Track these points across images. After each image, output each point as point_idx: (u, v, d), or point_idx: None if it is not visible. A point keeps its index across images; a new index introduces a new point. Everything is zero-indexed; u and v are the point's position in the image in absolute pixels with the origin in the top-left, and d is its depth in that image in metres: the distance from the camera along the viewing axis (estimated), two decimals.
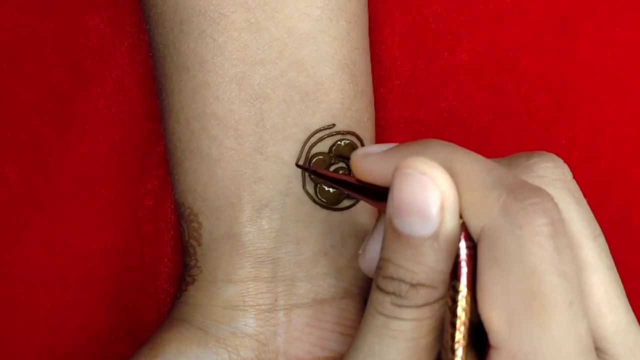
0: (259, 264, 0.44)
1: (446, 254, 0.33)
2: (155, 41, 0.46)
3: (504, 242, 0.32)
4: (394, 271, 0.34)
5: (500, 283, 0.32)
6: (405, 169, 0.33)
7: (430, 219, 0.33)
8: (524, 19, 0.52)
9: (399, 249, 0.34)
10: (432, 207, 0.33)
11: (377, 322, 0.35)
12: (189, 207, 0.45)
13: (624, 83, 0.52)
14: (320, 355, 0.44)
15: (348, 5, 0.45)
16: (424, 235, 0.33)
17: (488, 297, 0.33)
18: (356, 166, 0.37)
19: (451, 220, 0.33)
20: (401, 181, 0.34)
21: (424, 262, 0.33)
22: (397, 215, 0.34)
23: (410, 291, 0.34)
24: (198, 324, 0.44)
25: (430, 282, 0.34)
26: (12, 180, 0.51)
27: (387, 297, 0.34)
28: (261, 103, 0.43)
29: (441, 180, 0.33)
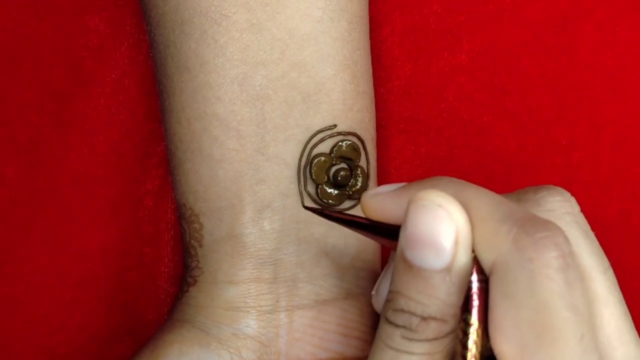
0: (261, 265, 0.44)
1: (458, 288, 0.34)
2: (157, 42, 0.46)
3: (515, 275, 0.32)
4: (404, 304, 0.34)
5: (512, 316, 0.32)
6: (421, 200, 0.34)
7: (444, 251, 0.33)
8: (524, 19, 0.52)
9: (410, 282, 0.34)
10: (447, 239, 0.33)
11: (386, 356, 0.34)
12: (190, 207, 0.45)
13: (624, 83, 0.53)
14: (322, 357, 0.44)
15: (349, 5, 0.45)
16: (436, 267, 0.33)
17: (500, 331, 0.33)
18: (367, 205, 0.38)
19: (464, 253, 0.34)
20: (416, 213, 0.34)
21: (435, 295, 0.33)
22: (409, 247, 0.34)
23: (421, 324, 0.34)
24: (199, 325, 0.44)
25: (441, 315, 0.34)
26: (12, 180, 0.51)
27: (397, 330, 0.34)
28: (262, 104, 0.43)
29: (456, 213, 0.33)
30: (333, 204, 0.45)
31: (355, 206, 0.46)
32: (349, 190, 0.45)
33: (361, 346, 0.45)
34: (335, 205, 0.45)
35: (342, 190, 0.45)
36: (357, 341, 0.45)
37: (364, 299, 0.46)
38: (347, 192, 0.45)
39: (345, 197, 0.45)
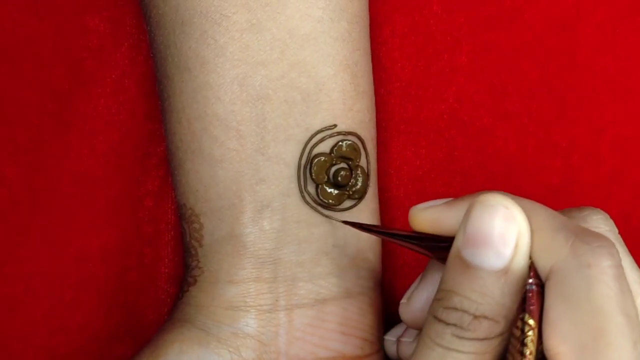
0: (261, 264, 0.44)
1: (513, 289, 0.35)
2: (157, 42, 0.46)
3: (573, 280, 0.34)
4: (457, 302, 0.35)
5: (569, 318, 0.34)
6: (488, 201, 0.36)
7: (504, 252, 0.35)
8: (524, 20, 0.52)
9: (465, 281, 0.35)
10: (509, 240, 0.35)
11: (434, 353, 0.35)
12: (190, 208, 0.45)
13: (624, 84, 0.53)
14: (322, 356, 0.44)
15: (349, 5, 0.45)
16: (494, 268, 0.35)
17: (557, 332, 0.34)
18: (417, 217, 0.39)
19: (523, 257, 0.35)
20: (480, 213, 0.36)
21: (490, 295, 0.35)
22: (469, 246, 0.35)
23: (473, 323, 0.35)
24: (200, 324, 0.44)
25: (494, 315, 0.35)
26: (12, 180, 0.51)
27: (447, 328, 0.35)
28: (262, 104, 0.43)
29: (520, 217, 0.35)
30: (333, 203, 0.45)
31: (356, 206, 0.46)
32: (349, 190, 0.45)
33: (361, 345, 0.45)
34: (335, 205, 0.45)
35: (342, 190, 0.45)
36: (357, 340, 0.45)
37: (364, 298, 0.46)
38: (347, 192, 0.45)
39: (345, 197, 0.45)
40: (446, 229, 0.38)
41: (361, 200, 0.46)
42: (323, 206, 0.45)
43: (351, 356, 0.45)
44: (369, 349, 0.46)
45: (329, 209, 0.45)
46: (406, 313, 0.42)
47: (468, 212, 0.36)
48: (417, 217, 0.39)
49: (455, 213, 0.38)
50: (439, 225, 0.39)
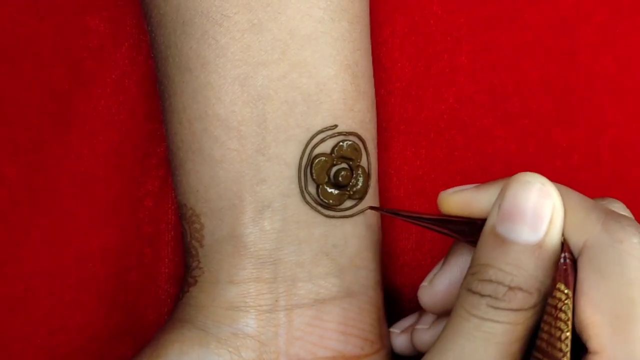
0: (261, 264, 0.44)
1: (546, 263, 0.37)
2: (157, 42, 0.46)
3: (606, 254, 0.36)
4: (492, 274, 0.37)
5: (603, 290, 0.36)
6: (525, 178, 0.38)
7: (539, 227, 0.37)
8: (524, 21, 0.52)
9: (500, 255, 0.37)
10: (544, 216, 0.37)
11: (469, 324, 0.37)
12: (191, 208, 0.45)
13: (623, 85, 0.53)
14: (322, 356, 0.44)
15: (350, 6, 0.45)
16: (529, 242, 0.37)
17: (591, 303, 0.36)
18: (447, 200, 0.41)
19: (557, 232, 0.37)
20: (517, 188, 0.38)
21: (524, 268, 0.37)
22: (504, 220, 0.38)
23: (508, 294, 0.37)
24: (200, 324, 0.44)
25: (528, 287, 0.37)
26: (12, 180, 0.51)
27: (482, 299, 0.37)
28: (263, 104, 0.43)
29: (555, 194, 0.38)
30: (333, 204, 0.45)
31: (356, 206, 0.46)
32: (349, 190, 0.45)
33: (360, 344, 0.45)
34: (336, 205, 0.45)
35: (342, 190, 0.45)
36: (357, 339, 0.45)
37: (364, 298, 0.46)
38: (347, 192, 0.45)
39: (346, 197, 0.45)
40: (477, 211, 0.40)
41: (362, 200, 0.46)
42: (324, 206, 0.45)
43: (351, 356, 0.45)
44: (369, 349, 0.46)
45: (329, 209, 0.45)
46: (426, 296, 0.44)
47: (504, 190, 0.38)
48: (447, 200, 0.41)
49: (487, 195, 0.40)
50: (470, 208, 0.41)
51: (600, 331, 0.36)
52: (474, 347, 0.37)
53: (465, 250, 0.44)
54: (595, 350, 0.36)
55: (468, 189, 0.41)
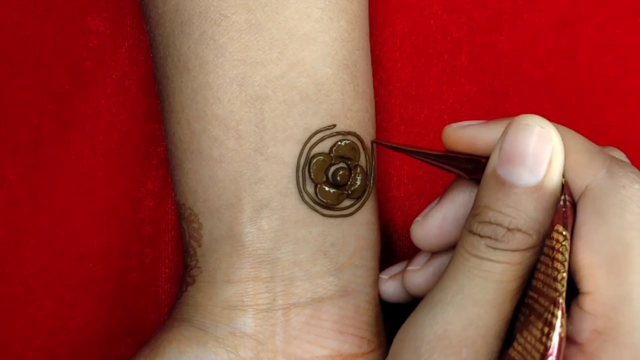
0: (259, 264, 0.44)
1: (546, 205, 0.37)
2: (156, 42, 0.46)
3: (609, 198, 0.37)
4: (492, 216, 0.38)
5: (602, 232, 0.36)
6: (524, 120, 0.38)
7: (538, 169, 0.37)
8: (524, 21, 0.52)
9: (500, 197, 0.38)
10: (543, 158, 0.37)
11: (469, 263, 0.38)
12: (189, 207, 0.45)
13: (623, 85, 0.53)
14: (319, 354, 0.44)
15: (349, 6, 0.45)
16: (528, 184, 0.37)
17: (588, 245, 0.36)
18: (452, 135, 0.42)
19: (556, 174, 0.38)
20: (516, 131, 0.38)
21: (523, 209, 0.37)
22: (504, 163, 0.38)
23: (507, 235, 0.37)
24: (198, 324, 0.44)
25: (527, 228, 0.37)
26: (13, 181, 0.51)
27: (482, 240, 0.38)
28: (262, 104, 0.43)
29: (554, 136, 0.38)
30: (332, 203, 0.45)
31: (355, 205, 0.46)
32: (347, 190, 0.45)
33: (358, 343, 0.45)
34: (334, 204, 0.45)
35: (341, 189, 0.45)
36: (354, 338, 0.45)
37: (361, 296, 0.46)
38: (346, 192, 0.45)
39: (345, 196, 0.45)
40: (481, 148, 0.41)
41: (360, 199, 0.46)
42: (322, 206, 0.45)
43: (348, 354, 0.45)
44: (367, 347, 0.46)
45: (327, 208, 0.45)
46: (419, 230, 0.44)
47: (505, 132, 0.38)
48: (452, 135, 0.42)
49: (492, 132, 0.40)
50: (474, 144, 0.41)
51: (595, 272, 0.36)
52: (473, 285, 0.38)
53: (463, 188, 0.44)
54: (588, 290, 0.36)
55: (474, 124, 0.41)
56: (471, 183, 0.43)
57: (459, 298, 0.38)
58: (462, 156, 0.42)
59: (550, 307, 0.36)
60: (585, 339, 0.36)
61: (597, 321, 0.36)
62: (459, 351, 0.37)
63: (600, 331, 0.36)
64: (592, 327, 0.36)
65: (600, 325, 0.36)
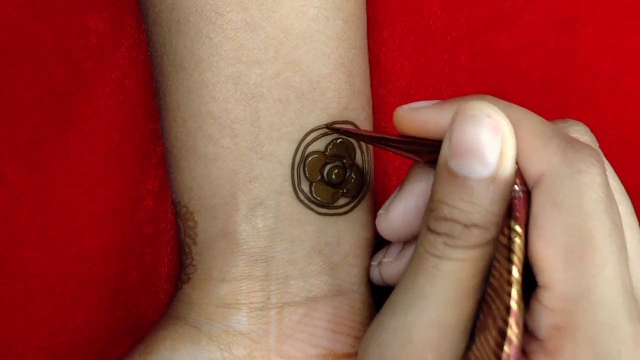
0: (253, 262, 0.44)
1: (501, 196, 0.35)
2: (153, 40, 0.46)
3: (564, 185, 0.35)
4: (447, 212, 0.36)
5: (559, 223, 0.34)
6: (470, 110, 0.36)
7: (490, 160, 0.35)
8: (524, 21, 0.52)
9: (454, 191, 0.36)
10: (493, 149, 0.35)
11: (427, 263, 0.36)
12: (185, 205, 0.45)
13: (623, 85, 0.52)
14: (312, 353, 0.44)
15: (345, 4, 0.45)
16: (481, 176, 0.35)
17: (545, 237, 0.35)
18: (404, 118, 0.40)
19: (509, 163, 0.35)
20: (464, 122, 0.36)
21: (478, 203, 0.35)
22: (454, 156, 0.36)
23: (463, 231, 0.35)
24: (192, 321, 0.44)
25: (484, 223, 0.35)
26: (12, 180, 0.51)
27: (439, 238, 0.36)
28: (257, 102, 0.43)
29: (504, 124, 0.35)
30: (327, 202, 0.45)
31: (350, 204, 0.45)
32: (343, 189, 0.45)
33: (351, 342, 0.45)
34: (329, 203, 0.45)
35: (336, 188, 0.45)
36: (347, 337, 0.45)
37: (355, 296, 0.46)
38: (341, 190, 0.45)
39: (340, 195, 0.45)
40: (434, 132, 0.39)
41: (356, 198, 0.46)
42: (317, 204, 0.45)
43: (341, 353, 0.45)
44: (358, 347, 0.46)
45: (322, 207, 0.45)
46: (383, 223, 0.42)
47: (452, 122, 0.36)
48: (403, 118, 0.40)
49: (444, 115, 0.38)
50: (426, 128, 0.39)
51: (552, 266, 0.35)
52: (432, 285, 0.36)
53: (420, 177, 0.42)
54: (546, 284, 0.35)
55: (425, 107, 0.39)
56: (427, 170, 0.42)
57: (419, 300, 0.36)
58: (416, 140, 0.40)
59: (503, 313, 0.35)
60: (545, 335, 0.35)
61: (556, 317, 0.35)
62: (423, 356, 0.36)
63: (559, 327, 0.35)
64: (550, 322, 0.35)
65: (560, 321, 0.35)
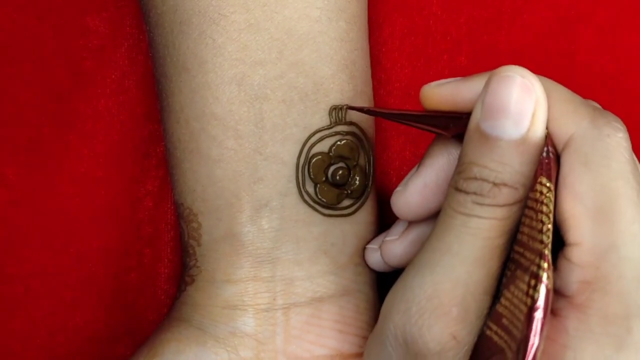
0: (259, 263, 0.44)
1: (531, 158, 0.36)
2: (155, 42, 0.46)
3: (593, 147, 0.36)
4: (477, 172, 0.37)
5: (588, 182, 0.36)
6: (505, 72, 0.37)
7: (523, 121, 0.36)
8: (524, 21, 0.52)
9: (485, 152, 0.37)
10: (527, 109, 0.36)
11: (455, 221, 0.37)
12: (188, 207, 0.45)
13: (623, 86, 0.53)
14: (319, 354, 0.44)
15: (347, 6, 0.45)
16: (513, 137, 0.36)
17: (574, 195, 0.36)
18: (432, 93, 0.41)
19: (541, 125, 0.37)
20: (498, 84, 0.37)
21: (509, 163, 0.36)
22: (487, 117, 0.37)
23: (493, 190, 0.36)
24: (197, 323, 0.44)
25: (513, 182, 0.36)
26: (12, 181, 0.51)
27: (468, 196, 0.37)
28: (261, 103, 0.43)
29: (537, 86, 0.37)
30: (331, 203, 0.45)
31: (355, 205, 0.46)
32: (347, 190, 0.45)
33: (358, 342, 0.45)
34: (333, 204, 0.45)
35: (340, 189, 0.45)
36: (354, 337, 0.45)
37: (361, 295, 0.46)
38: (345, 191, 0.45)
39: (344, 196, 0.45)
40: (462, 104, 0.39)
41: (360, 199, 0.46)
42: (322, 205, 0.45)
43: (348, 354, 0.45)
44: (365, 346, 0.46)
45: (327, 208, 0.45)
46: (401, 200, 0.43)
47: (486, 85, 0.37)
48: (431, 93, 0.41)
49: (473, 87, 0.39)
50: (455, 101, 0.40)
51: (582, 223, 0.36)
52: (460, 243, 0.37)
53: (441, 152, 0.43)
54: (574, 241, 0.36)
55: (452, 81, 0.40)
56: (448, 146, 0.42)
57: (447, 257, 0.37)
58: (443, 114, 0.41)
59: (536, 259, 0.35)
60: (574, 290, 0.36)
61: (584, 272, 0.36)
62: (449, 311, 0.37)
63: (588, 282, 0.35)
64: (580, 278, 0.36)
65: (588, 276, 0.35)
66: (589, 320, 0.35)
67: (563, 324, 0.36)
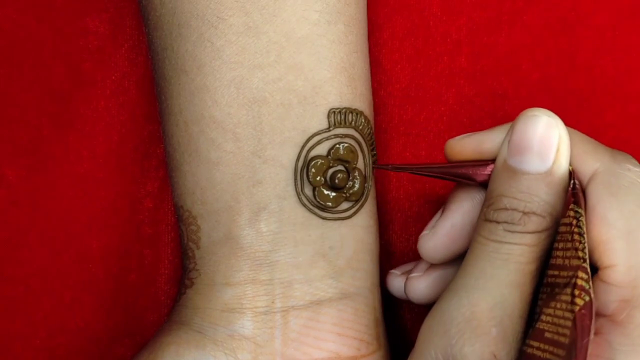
0: (257, 266, 0.44)
1: (556, 189, 0.40)
2: (154, 44, 0.46)
3: (618, 179, 0.40)
4: (507, 203, 0.40)
5: (617, 209, 0.39)
6: (532, 112, 0.41)
7: (548, 155, 0.40)
8: (524, 22, 0.52)
9: (513, 184, 0.41)
10: (552, 144, 0.40)
11: (488, 248, 0.40)
12: (187, 210, 0.45)
13: (623, 87, 0.53)
14: (317, 357, 0.44)
15: (346, 8, 0.45)
16: (539, 170, 0.40)
17: (605, 222, 0.39)
18: (457, 146, 0.44)
19: (564, 160, 0.41)
20: (525, 123, 0.41)
21: (536, 194, 0.40)
22: (514, 154, 0.41)
23: (523, 218, 0.40)
24: (196, 326, 0.44)
25: (541, 211, 0.40)
26: (12, 182, 0.51)
27: (499, 225, 0.40)
28: (259, 106, 0.43)
29: (560, 125, 0.41)
30: (330, 206, 0.45)
31: (353, 208, 0.46)
32: (346, 193, 0.45)
33: (356, 345, 0.45)
34: (332, 207, 0.45)
35: (339, 192, 0.45)
36: (353, 340, 0.45)
37: (360, 299, 0.46)
38: (344, 194, 0.45)
39: (343, 199, 0.45)
40: (488, 151, 0.43)
41: (359, 202, 0.46)
42: (320, 208, 0.45)
43: (347, 357, 0.45)
44: (365, 350, 0.46)
45: (326, 211, 0.45)
46: (428, 243, 0.45)
47: (513, 125, 0.41)
48: (456, 145, 0.44)
49: (495, 137, 0.43)
50: (479, 151, 0.43)
51: (615, 246, 0.39)
52: (494, 267, 0.40)
53: (466, 196, 0.45)
54: (610, 264, 0.39)
55: (475, 134, 0.44)
56: (472, 191, 0.45)
57: (482, 281, 0.40)
58: (468, 164, 0.43)
59: (576, 273, 0.38)
60: (614, 309, 0.39)
61: (623, 291, 0.39)
62: (488, 331, 0.39)
63: (627, 300, 0.39)
64: (618, 297, 0.39)
65: (627, 294, 0.39)
66: (632, 335, 0.39)
67: (607, 340, 0.39)
